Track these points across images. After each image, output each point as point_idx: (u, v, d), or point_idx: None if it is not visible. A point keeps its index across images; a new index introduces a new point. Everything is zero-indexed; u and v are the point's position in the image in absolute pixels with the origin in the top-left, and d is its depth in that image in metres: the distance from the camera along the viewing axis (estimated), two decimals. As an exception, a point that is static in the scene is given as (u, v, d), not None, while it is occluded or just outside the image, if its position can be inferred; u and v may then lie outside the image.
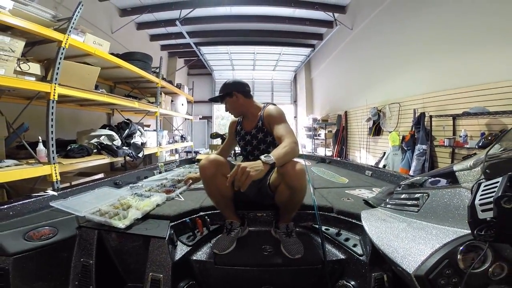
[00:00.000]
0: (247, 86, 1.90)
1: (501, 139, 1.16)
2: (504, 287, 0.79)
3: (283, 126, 1.67)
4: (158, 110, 5.31)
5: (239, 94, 1.85)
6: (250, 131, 1.89)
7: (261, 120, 1.83)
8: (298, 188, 1.50)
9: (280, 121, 1.71)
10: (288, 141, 1.50)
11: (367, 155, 6.46)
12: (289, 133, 1.59)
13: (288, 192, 1.53)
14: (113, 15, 6.58)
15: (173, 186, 2.29)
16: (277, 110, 1.79)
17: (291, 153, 1.45)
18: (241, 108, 1.89)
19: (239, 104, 1.87)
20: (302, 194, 1.56)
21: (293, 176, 1.46)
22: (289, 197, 1.55)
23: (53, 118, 2.64)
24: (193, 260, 1.53)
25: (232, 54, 9.68)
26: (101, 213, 1.58)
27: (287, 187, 1.52)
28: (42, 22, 2.57)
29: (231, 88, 1.85)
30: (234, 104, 1.87)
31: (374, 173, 2.92)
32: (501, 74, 3.14)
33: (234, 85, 1.86)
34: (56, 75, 2.64)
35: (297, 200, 1.58)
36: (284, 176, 1.50)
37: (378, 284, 1.31)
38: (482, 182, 0.80)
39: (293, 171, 1.45)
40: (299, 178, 1.47)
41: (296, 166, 1.46)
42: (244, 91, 1.87)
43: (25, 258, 1.23)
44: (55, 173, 2.64)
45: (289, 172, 1.46)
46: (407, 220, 1.15)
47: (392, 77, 5.44)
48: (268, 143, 1.84)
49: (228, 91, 1.85)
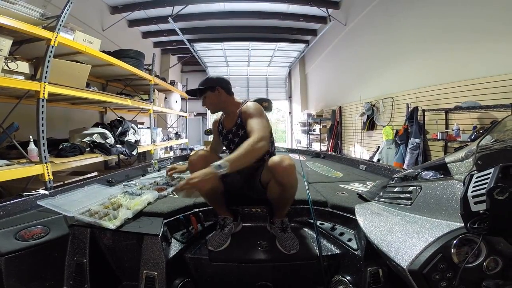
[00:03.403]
0: (229, 84, 1.86)
1: (492, 130, 1.16)
2: (499, 281, 0.79)
3: (254, 120, 1.59)
4: (151, 107, 5.26)
5: (222, 90, 1.79)
6: (231, 129, 1.82)
7: (240, 117, 1.75)
8: (288, 185, 1.48)
9: (253, 116, 1.63)
10: (252, 139, 1.41)
11: (361, 149, 6.48)
12: (258, 129, 1.50)
13: (279, 189, 1.51)
14: (104, 13, 6.48)
15: (166, 183, 2.27)
16: (253, 106, 1.70)
17: (250, 154, 1.35)
18: (221, 104, 1.83)
19: (219, 100, 1.80)
20: (292, 190, 1.55)
21: (281, 172, 1.44)
22: (280, 193, 1.53)
23: (44, 117, 2.60)
24: (188, 257, 1.52)
25: (226, 51, 9.60)
26: (91, 213, 1.55)
27: (276, 183, 1.50)
28: (30, 21, 2.52)
29: (215, 83, 1.78)
30: (215, 99, 1.80)
31: (368, 167, 2.94)
32: (493, 69, 3.16)
33: (218, 80, 1.81)
34: (46, 74, 2.60)
35: (288, 196, 1.57)
36: (273, 173, 1.48)
37: (373, 279, 1.31)
38: (474, 173, 0.80)
39: (281, 168, 1.43)
40: (288, 174, 1.44)
41: (284, 162, 1.43)
42: (227, 88, 1.82)
43: (17, 257, 1.21)
44: (47, 172, 2.61)
45: (277, 169, 1.44)
46: (401, 214, 1.15)
47: (386, 72, 5.45)
48: None
49: (212, 85, 1.77)
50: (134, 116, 5.64)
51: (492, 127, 1.26)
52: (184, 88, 8.05)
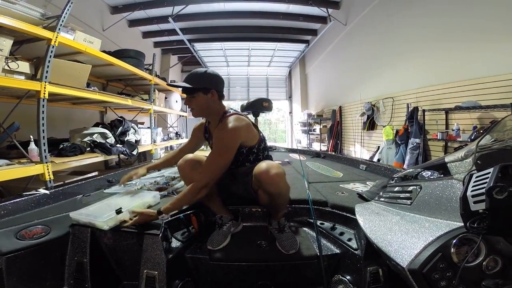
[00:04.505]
0: (224, 85, 1.63)
1: (492, 130, 1.16)
2: (499, 281, 0.79)
3: (215, 147, 1.51)
4: (151, 107, 5.27)
5: (216, 94, 1.55)
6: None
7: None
8: (276, 194, 1.45)
9: (218, 138, 1.51)
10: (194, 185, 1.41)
11: (361, 149, 6.49)
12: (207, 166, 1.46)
13: (268, 197, 1.49)
14: (104, 13, 6.48)
15: (166, 183, 2.27)
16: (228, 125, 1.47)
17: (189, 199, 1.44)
18: (209, 110, 1.59)
19: (208, 105, 1.56)
20: (282, 198, 1.51)
21: (267, 182, 1.41)
22: (270, 201, 1.51)
23: (44, 117, 2.61)
24: (188, 256, 1.52)
25: (227, 50, 9.61)
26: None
27: (264, 192, 1.48)
28: (30, 20, 2.53)
29: (211, 84, 1.53)
30: (205, 102, 1.54)
31: (368, 167, 2.93)
32: (493, 69, 3.16)
33: (215, 81, 1.56)
34: (46, 74, 2.60)
35: (279, 203, 1.54)
36: (259, 182, 1.45)
37: (373, 278, 1.31)
38: (474, 173, 0.80)
39: (267, 177, 1.39)
40: (274, 183, 1.40)
41: (271, 171, 1.38)
42: (221, 92, 1.60)
43: (18, 257, 1.21)
44: (48, 172, 2.61)
45: (263, 178, 1.41)
46: (400, 213, 1.15)
47: (386, 72, 5.45)
48: (245, 153, 1.64)
49: (206, 86, 1.52)
50: (135, 116, 5.64)
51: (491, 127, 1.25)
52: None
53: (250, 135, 1.61)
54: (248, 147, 1.62)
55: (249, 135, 1.60)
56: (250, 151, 1.65)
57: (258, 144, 1.66)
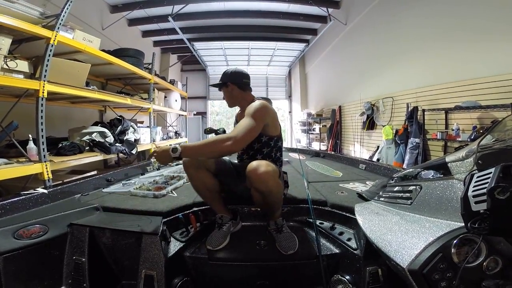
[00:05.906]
0: (245, 78, 1.83)
1: (493, 130, 1.16)
2: (499, 281, 0.78)
3: (243, 120, 1.55)
4: (151, 106, 5.26)
5: (234, 85, 1.80)
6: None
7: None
8: (266, 192, 1.43)
9: (247, 115, 1.57)
10: (221, 135, 1.43)
11: (361, 149, 6.47)
12: (238, 128, 1.47)
13: (259, 196, 1.48)
14: (103, 12, 6.45)
15: (165, 183, 2.27)
16: (255, 106, 1.61)
17: (207, 148, 1.39)
18: (235, 100, 1.86)
19: (232, 95, 1.84)
20: (273, 196, 1.49)
21: (255, 179, 1.40)
22: (261, 199, 1.50)
23: (43, 116, 2.60)
24: (187, 256, 1.52)
25: (226, 50, 9.58)
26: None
27: (255, 191, 1.47)
28: (29, 19, 2.53)
29: (227, 79, 1.81)
30: (228, 94, 1.85)
31: (367, 166, 2.93)
32: (493, 69, 3.15)
33: (231, 75, 1.81)
34: (45, 72, 2.60)
35: (271, 201, 1.52)
36: (249, 180, 1.45)
37: (373, 278, 1.31)
38: (475, 173, 0.79)
39: (255, 175, 1.39)
40: (263, 181, 1.40)
41: (259, 169, 1.39)
42: (240, 83, 1.81)
43: (16, 256, 1.21)
44: (47, 171, 2.60)
45: (251, 176, 1.41)
46: (400, 213, 1.15)
47: (386, 71, 5.44)
48: (263, 142, 1.73)
49: (224, 81, 1.81)
50: (134, 115, 5.63)
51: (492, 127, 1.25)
52: (184, 87, 8.04)
53: (275, 123, 1.74)
54: (268, 136, 1.71)
55: (274, 122, 1.72)
56: (267, 143, 1.74)
57: (277, 138, 1.76)
